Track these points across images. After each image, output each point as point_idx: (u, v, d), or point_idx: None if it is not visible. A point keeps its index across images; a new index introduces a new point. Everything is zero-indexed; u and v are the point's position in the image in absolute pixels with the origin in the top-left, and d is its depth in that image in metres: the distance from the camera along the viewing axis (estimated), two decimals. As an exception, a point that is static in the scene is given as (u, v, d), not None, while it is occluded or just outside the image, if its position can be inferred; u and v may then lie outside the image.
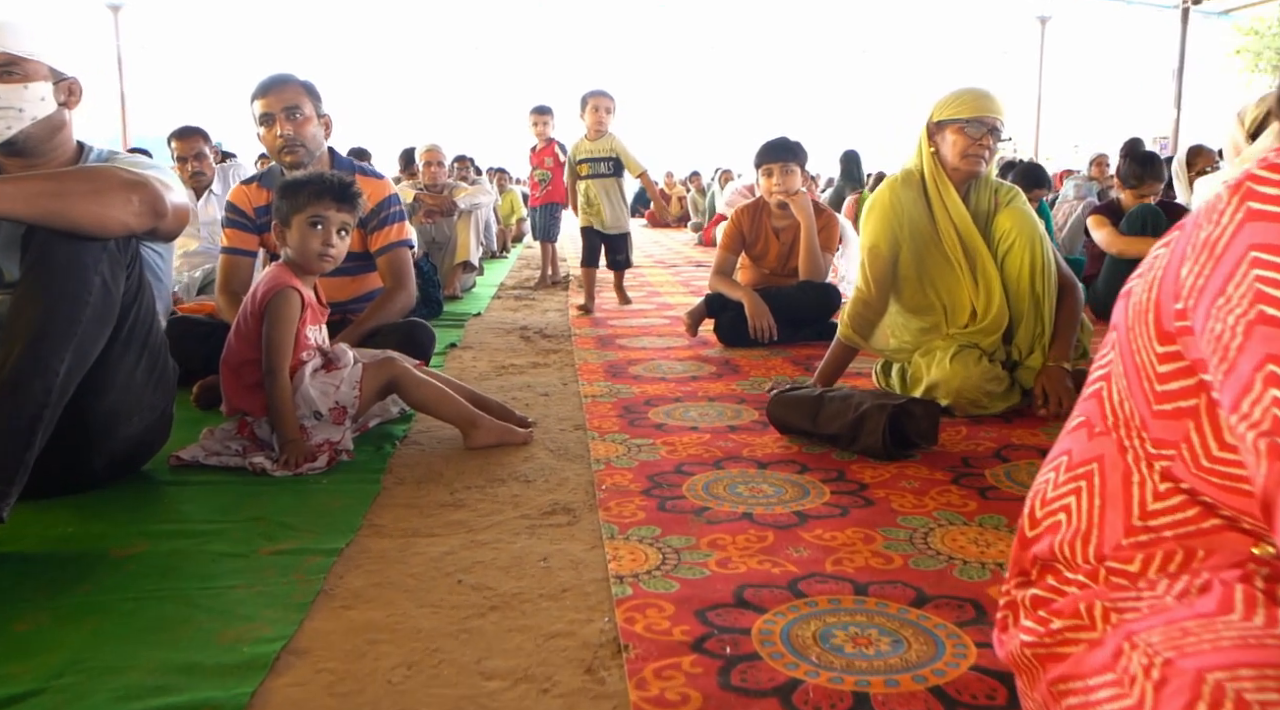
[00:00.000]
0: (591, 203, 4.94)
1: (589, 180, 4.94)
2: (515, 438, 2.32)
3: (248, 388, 2.18)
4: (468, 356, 3.63)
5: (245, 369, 2.19)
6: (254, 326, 2.19)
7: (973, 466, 2.12)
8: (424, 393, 2.29)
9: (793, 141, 3.86)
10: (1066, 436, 1.12)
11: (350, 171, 2.92)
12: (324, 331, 2.35)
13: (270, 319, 2.15)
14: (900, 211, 2.64)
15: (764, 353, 3.59)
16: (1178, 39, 21.86)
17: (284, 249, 2.28)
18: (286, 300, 2.17)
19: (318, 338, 2.30)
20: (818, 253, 3.80)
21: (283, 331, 2.15)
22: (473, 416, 2.30)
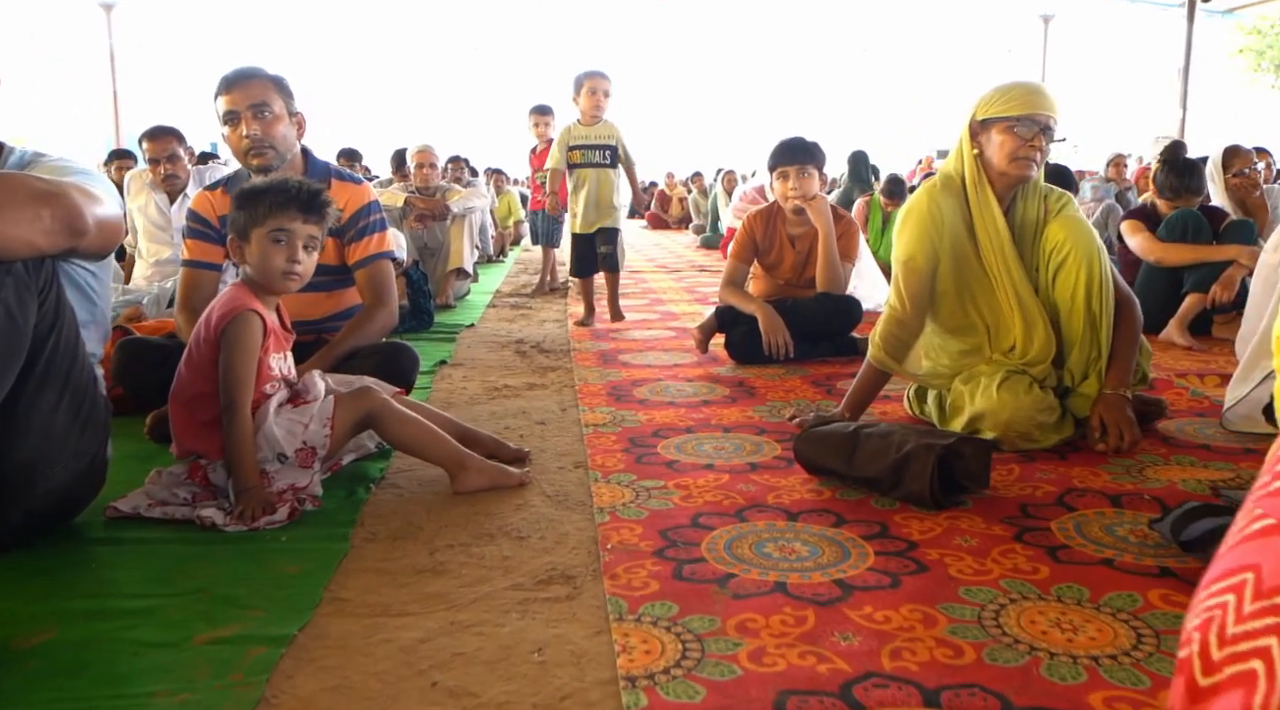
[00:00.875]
0: (578, 192, 4.49)
1: (581, 169, 4.48)
2: (509, 480, 2.04)
3: (201, 426, 1.90)
4: (458, 376, 3.34)
5: (198, 404, 1.90)
6: (208, 355, 1.90)
7: (1034, 516, 1.84)
8: (406, 431, 2.00)
9: (810, 142, 3.57)
10: (1246, 544, 0.82)
11: (325, 175, 2.64)
12: (289, 360, 2.06)
13: (228, 347, 1.86)
14: (940, 221, 2.36)
15: (779, 371, 3.31)
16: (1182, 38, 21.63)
17: (243, 266, 1.99)
18: (246, 326, 1.89)
19: (282, 367, 2.01)
20: (837, 262, 3.52)
21: (242, 361, 1.87)
22: (461, 457, 2.01)
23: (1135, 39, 26.96)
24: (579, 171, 4.49)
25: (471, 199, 5.56)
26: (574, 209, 4.54)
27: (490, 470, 2.03)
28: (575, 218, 4.55)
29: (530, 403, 2.90)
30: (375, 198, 2.69)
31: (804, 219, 3.59)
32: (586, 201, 4.47)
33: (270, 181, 2.00)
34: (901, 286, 2.39)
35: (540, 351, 3.83)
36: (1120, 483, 2.03)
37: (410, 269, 4.36)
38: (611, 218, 4.53)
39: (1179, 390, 2.90)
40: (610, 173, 4.50)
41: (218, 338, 1.88)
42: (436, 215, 5.37)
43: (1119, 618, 1.40)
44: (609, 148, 4.50)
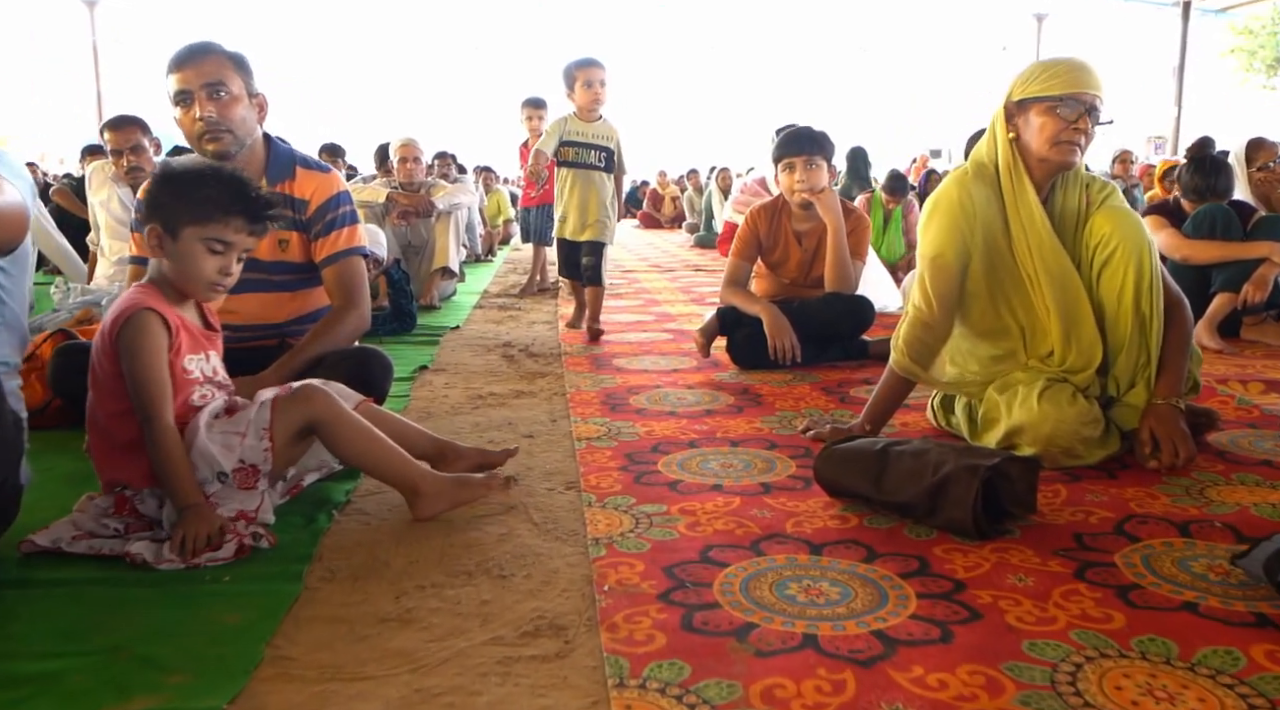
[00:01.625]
0: (564, 196, 3.97)
1: (568, 168, 3.95)
2: (472, 494, 1.80)
3: (123, 450, 1.64)
4: (439, 383, 3.09)
5: (115, 425, 1.64)
6: (110, 368, 1.64)
7: (1093, 547, 1.60)
8: (355, 443, 1.74)
9: (818, 131, 3.34)
10: None
11: (290, 162, 2.39)
12: (214, 362, 1.79)
13: (126, 353, 1.60)
14: (971, 213, 2.12)
15: (787, 377, 3.07)
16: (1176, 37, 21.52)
17: (159, 260, 1.72)
18: (141, 327, 1.61)
19: (204, 369, 1.75)
20: (847, 260, 3.28)
21: (145, 365, 1.60)
22: (414, 479, 1.76)
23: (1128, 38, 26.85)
24: (568, 171, 3.96)
25: (458, 195, 5.31)
26: (559, 212, 4.05)
27: (449, 492, 1.78)
28: (561, 222, 4.05)
29: (517, 412, 2.65)
30: (345, 188, 2.44)
31: (811, 214, 3.35)
32: (572, 208, 3.96)
33: (217, 172, 1.74)
34: (928, 286, 2.15)
35: (529, 356, 3.59)
36: (1183, 507, 1.80)
37: (391, 268, 4.11)
38: (598, 230, 3.95)
39: (1223, 398, 2.67)
40: (603, 178, 3.96)
41: (115, 346, 1.63)
42: (420, 212, 5.12)
43: (1220, 681, 1.17)
44: (605, 150, 3.97)
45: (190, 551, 1.52)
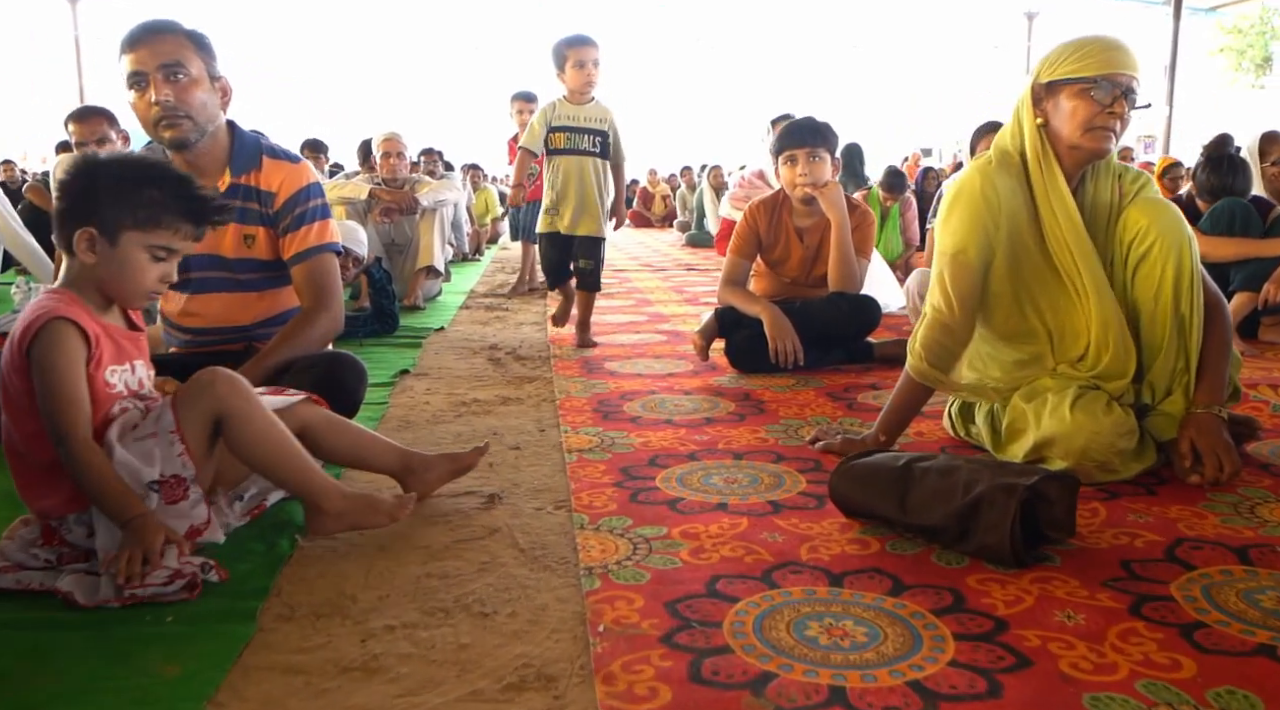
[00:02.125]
0: (557, 188, 3.59)
1: (560, 157, 3.59)
2: (375, 519, 1.63)
3: (41, 473, 1.46)
4: (421, 388, 2.91)
5: (33, 446, 1.45)
6: (20, 385, 1.45)
7: (1144, 577, 1.43)
8: (259, 444, 1.53)
9: (821, 122, 3.17)
10: None
11: (256, 151, 2.21)
12: (140, 372, 1.59)
13: (38, 369, 1.41)
14: (995, 206, 1.95)
15: (789, 381, 2.90)
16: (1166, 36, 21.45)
17: (84, 258, 1.50)
18: (54, 340, 1.42)
19: (128, 381, 1.55)
20: (852, 257, 3.11)
21: (58, 381, 1.41)
22: (317, 493, 1.58)
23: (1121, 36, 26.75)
24: (560, 158, 3.59)
25: (443, 191, 5.13)
26: (548, 202, 3.65)
27: (350, 515, 1.61)
28: (550, 215, 3.64)
29: (503, 420, 2.47)
30: (315, 179, 2.26)
31: (814, 209, 3.18)
32: (567, 196, 3.59)
33: (157, 168, 1.55)
34: (949, 285, 1.98)
35: (516, 359, 3.41)
36: (1235, 528, 1.63)
37: (373, 267, 3.93)
38: (596, 223, 3.61)
39: (1255, 405, 2.51)
40: (599, 164, 3.61)
41: (25, 361, 1.44)
42: (404, 209, 4.93)
43: (1320, 746, 1.00)
44: (599, 134, 3.61)
45: (124, 574, 1.33)
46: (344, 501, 1.60)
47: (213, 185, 2.17)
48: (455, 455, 1.85)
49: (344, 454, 1.77)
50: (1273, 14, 31.33)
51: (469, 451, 1.85)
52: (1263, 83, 32.16)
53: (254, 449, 1.53)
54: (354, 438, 1.76)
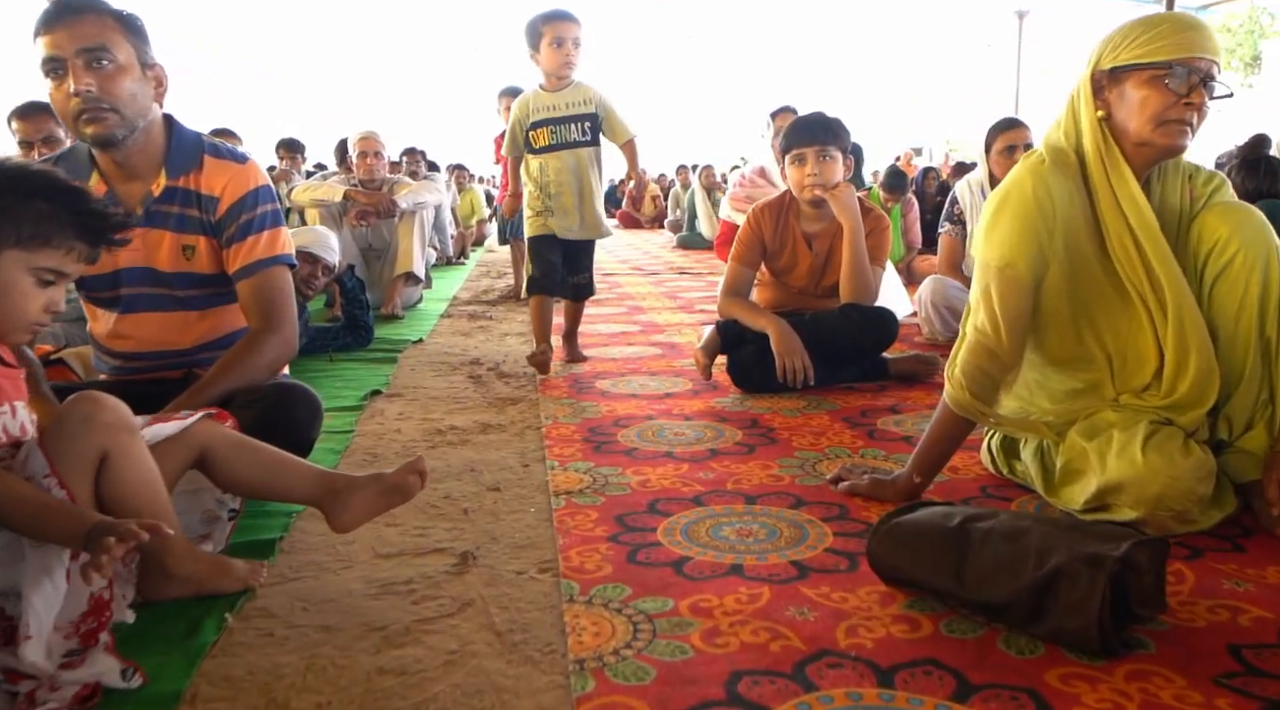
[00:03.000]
0: (551, 191, 3.14)
1: (547, 155, 3.12)
2: (224, 584, 1.40)
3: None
4: (392, 412, 2.63)
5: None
6: None
7: (1264, 671, 1.17)
8: (136, 486, 1.26)
9: (831, 118, 2.90)
10: None
11: (197, 149, 1.93)
12: (21, 415, 1.27)
13: None
14: (1049, 212, 1.68)
15: (799, 403, 2.63)
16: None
17: None
18: None
19: (9, 426, 1.25)
20: (866, 266, 2.84)
21: None
22: (167, 549, 1.32)
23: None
24: (548, 158, 3.13)
25: (422, 193, 4.84)
26: (537, 205, 3.17)
27: (196, 578, 1.37)
28: (542, 217, 3.17)
29: (482, 453, 2.19)
30: (266, 182, 1.97)
31: (824, 213, 2.92)
32: (562, 199, 3.13)
33: (44, 179, 1.27)
34: (995, 304, 1.71)
35: (499, 376, 3.13)
36: (1352, 597, 1.37)
37: (345, 275, 3.64)
38: (598, 224, 3.20)
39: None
40: (593, 154, 3.16)
41: None
42: (381, 212, 4.64)
43: None
44: (587, 119, 3.12)
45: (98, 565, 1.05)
46: (194, 564, 1.37)
47: (145, 189, 1.89)
48: (383, 476, 1.49)
49: (250, 482, 1.48)
50: (1261, 13, 31.34)
51: (399, 469, 1.49)
52: (1250, 82, 32.15)
53: (129, 494, 1.25)
54: (263, 462, 1.47)
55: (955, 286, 3.60)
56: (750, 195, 4.44)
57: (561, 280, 3.25)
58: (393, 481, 1.48)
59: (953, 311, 3.58)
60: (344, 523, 1.46)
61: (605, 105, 3.14)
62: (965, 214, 3.71)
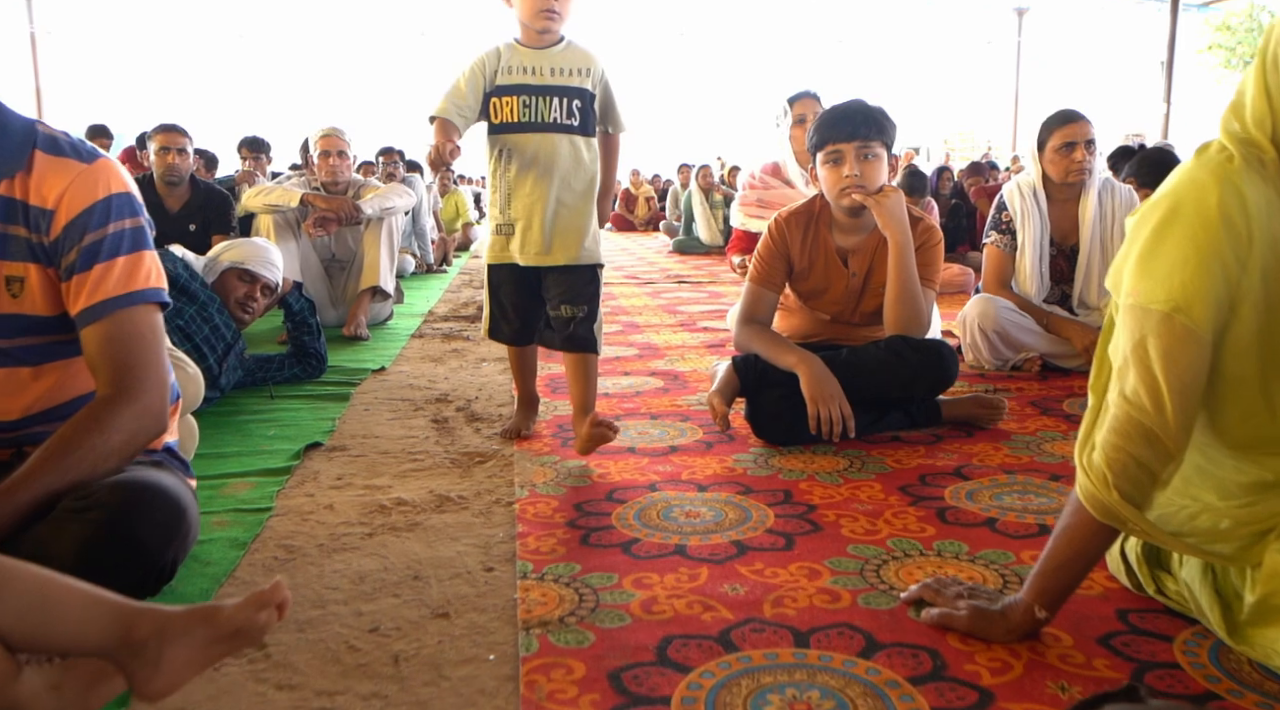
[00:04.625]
0: (511, 196, 2.16)
1: (513, 137, 2.14)
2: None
3: None
4: (329, 476, 2.09)
5: None
6: None
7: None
8: None
9: (873, 106, 2.37)
10: None
11: (27, 141, 1.38)
12: None
13: None
14: (1242, 232, 1.15)
15: (839, 462, 2.10)
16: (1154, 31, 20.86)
17: None
18: None
19: None
20: (916, 289, 2.31)
21: None
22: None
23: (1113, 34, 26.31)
24: (512, 141, 2.14)
25: (390, 197, 4.29)
26: (496, 216, 2.20)
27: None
28: (503, 234, 2.20)
29: (433, 545, 1.66)
30: (124, 188, 1.43)
31: (863, 222, 2.39)
32: (529, 204, 2.14)
33: None
34: (1157, 364, 1.18)
35: (469, 419, 2.59)
36: None
37: (290, 295, 3.10)
38: (580, 243, 2.17)
39: None
40: (580, 146, 2.17)
41: None
42: (343, 218, 4.09)
43: None
44: (578, 95, 2.14)
45: None
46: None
47: (-48, 196, 1.35)
48: (218, 611, 0.97)
49: (10, 628, 0.94)
50: (1261, 10, 30.97)
51: (244, 602, 0.98)
52: (1250, 81, 31.73)
53: None
54: (31, 598, 0.93)
55: (1007, 308, 3.07)
56: (762, 198, 3.85)
57: (534, 325, 2.28)
58: (231, 621, 0.96)
59: (1004, 337, 3.06)
60: (154, 688, 0.94)
61: (606, 84, 2.22)
62: (1015, 221, 3.19)
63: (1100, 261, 3.16)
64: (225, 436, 2.40)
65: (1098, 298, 3.17)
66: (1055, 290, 3.22)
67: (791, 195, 3.72)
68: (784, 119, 4.08)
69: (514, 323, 2.29)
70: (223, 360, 2.70)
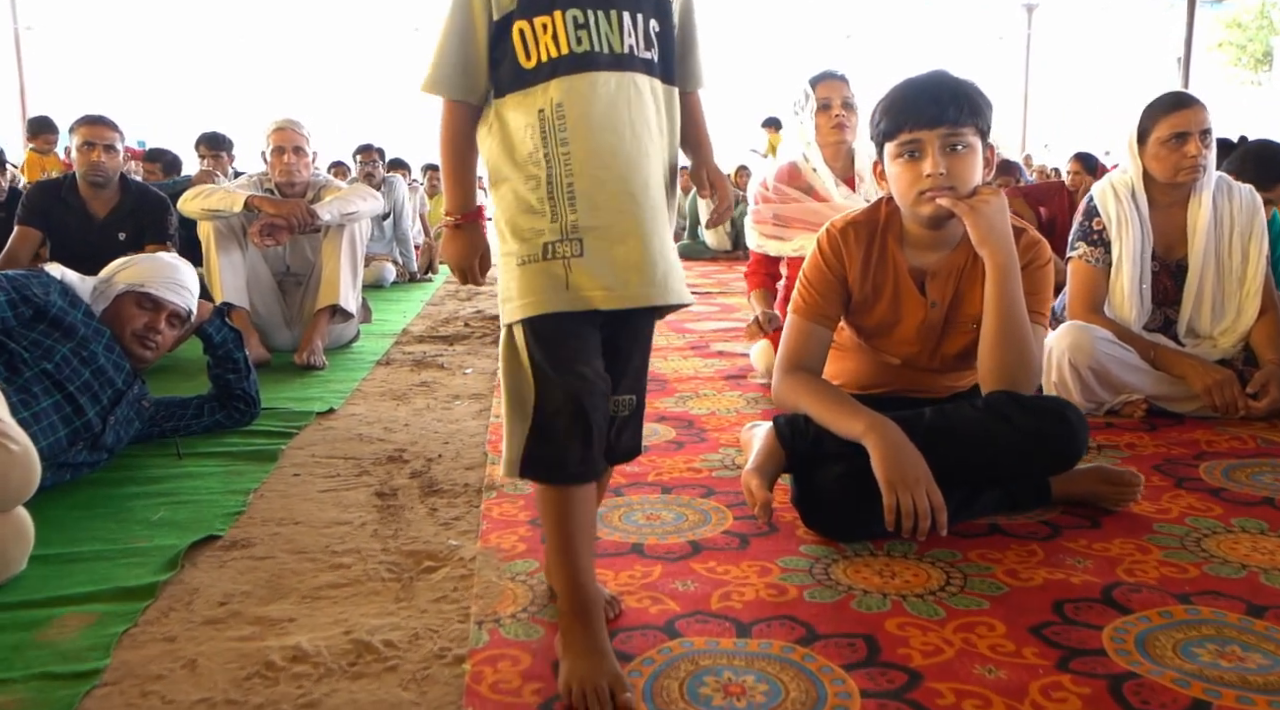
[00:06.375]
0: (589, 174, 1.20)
1: (584, 76, 1.20)
2: None
3: None
4: (209, 598, 1.47)
5: None
6: None
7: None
8: None
9: (961, 81, 1.75)
10: None
11: None
12: None
13: None
14: None
15: (931, 575, 1.49)
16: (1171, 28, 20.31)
17: None
18: None
19: None
20: (1024, 325, 1.70)
21: None
22: None
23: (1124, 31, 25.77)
24: (567, 88, 1.20)
25: (352, 200, 3.67)
26: (552, 222, 1.20)
27: None
28: (563, 258, 1.20)
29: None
30: None
31: (946, 235, 1.79)
32: (618, 193, 1.22)
33: None
34: None
35: (426, 493, 1.99)
36: None
37: (210, 324, 2.48)
38: (678, 271, 1.29)
39: None
40: (662, 98, 1.28)
41: None
42: (295, 226, 3.47)
43: None
44: (655, 11, 1.27)
45: None
46: None
47: None
48: None
49: None
50: (1272, 8, 30.35)
51: None
52: (1260, 78, 31.17)
53: None
54: None
55: (1105, 339, 2.46)
56: (779, 214, 3.05)
57: (597, 445, 1.24)
58: None
59: (1101, 375, 2.45)
60: None
61: (690, 9, 1.36)
62: (1110, 230, 2.58)
63: (1215, 280, 2.56)
64: (92, 525, 1.79)
65: (1211, 325, 2.57)
66: (1157, 315, 2.62)
67: (817, 209, 3.02)
68: (805, 104, 3.32)
69: (588, 433, 1.20)
70: (109, 413, 2.09)
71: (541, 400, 1.21)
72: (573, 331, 1.21)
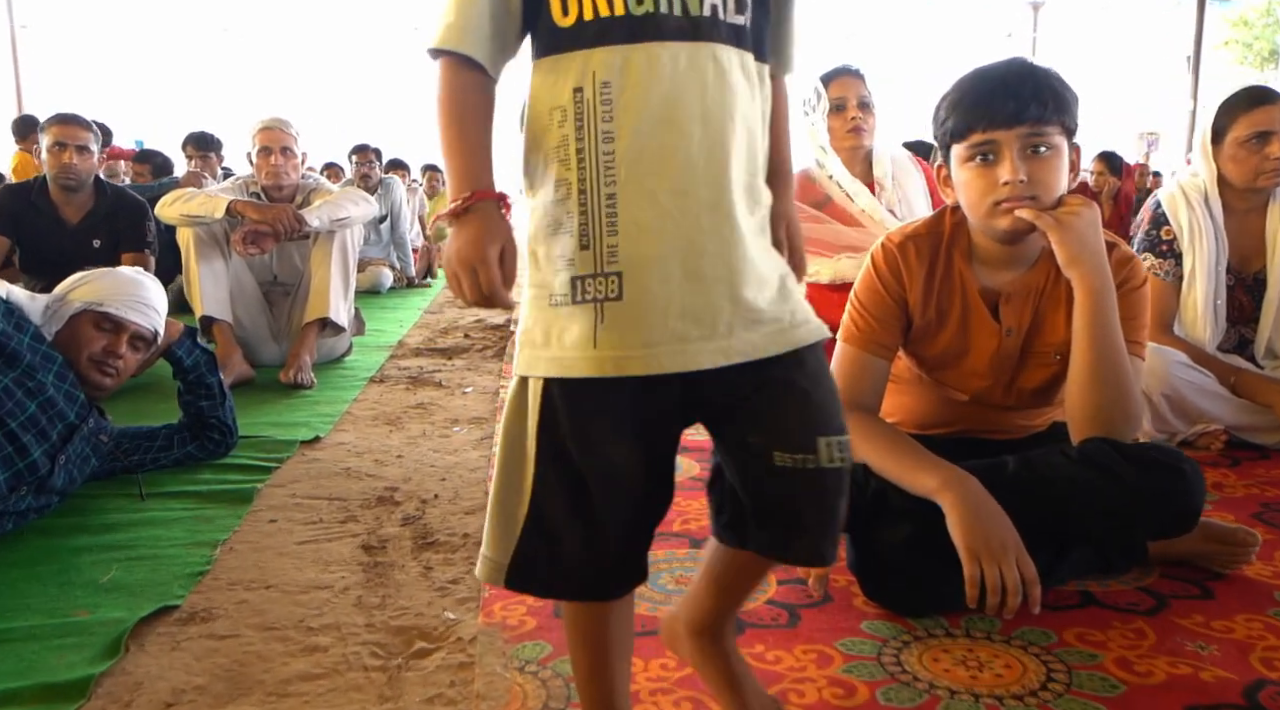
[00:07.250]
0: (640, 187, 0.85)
1: (641, 48, 0.84)
2: None
3: None
4: (152, 699, 1.22)
5: None
6: None
7: None
8: None
9: (1047, 70, 1.49)
10: None
11: None
12: None
13: None
14: None
15: (1029, 670, 1.24)
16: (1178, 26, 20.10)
17: None
18: None
19: None
20: (1123, 359, 1.44)
21: None
22: None
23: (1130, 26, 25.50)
24: (618, 61, 0.84)
25: (344, 205, 3.41)
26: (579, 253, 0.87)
27: None
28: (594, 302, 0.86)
29: None
30: None
31: (1022, 251, 1.53)
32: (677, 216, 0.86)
33: None
34: None
35: (421, 546, 1.73)
36: None
37: (180, 345, 2.22)
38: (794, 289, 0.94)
39: None
40: (755, 79, 0.90)
41: None
42: (281, 233, 3.22)
43: None
44: None
45: None
46: None
47: None
48: None
49: None
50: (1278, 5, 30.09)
51: None
52: (1266, 76, 30.92)
53: None
54: None
55: (1181, 362, 2.20)
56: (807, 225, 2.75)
57: (650, 537, 0.96)
58: None
59: (1176, 402, 2.19)
60: None
61: None
62: (1181, 241, 2.32)
63: (1298, 295, 2.30)
64: (29, 589, 1.54)
65: (1293, 345, 2.31)
66: (1231, 334, 2.36)
67: (840, 231, 2.71)
68: (817, 104, 3.00)
69: (611, 540, 0.92)
70: (58, 452, 1.84)
71: (537, 500, 0.90)
72: (598, 410, 0.88)
